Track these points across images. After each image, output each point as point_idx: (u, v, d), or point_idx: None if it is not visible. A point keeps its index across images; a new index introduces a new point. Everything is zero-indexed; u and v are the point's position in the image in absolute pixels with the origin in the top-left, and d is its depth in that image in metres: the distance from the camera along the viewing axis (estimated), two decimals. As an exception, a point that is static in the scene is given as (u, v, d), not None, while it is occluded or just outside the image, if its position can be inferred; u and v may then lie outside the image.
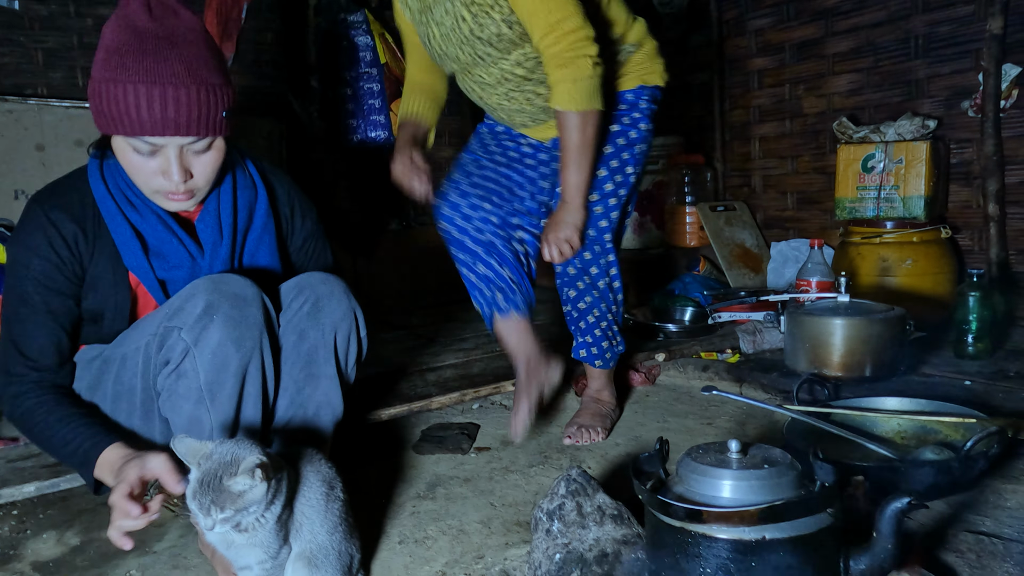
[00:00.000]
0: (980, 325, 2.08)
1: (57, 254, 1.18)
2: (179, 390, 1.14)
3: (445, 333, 2.74)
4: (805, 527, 0.84)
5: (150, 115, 1.07)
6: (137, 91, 1.07)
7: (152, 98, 1.07)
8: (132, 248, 1.21)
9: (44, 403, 1.17)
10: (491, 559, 1.25)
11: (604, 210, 1.71)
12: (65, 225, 1.19)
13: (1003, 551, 1.12)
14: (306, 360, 1.26)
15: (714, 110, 3.45)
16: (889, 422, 1.54)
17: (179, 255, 1.25)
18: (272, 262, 1.36)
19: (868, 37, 2.84)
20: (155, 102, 1.07)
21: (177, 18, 1.12)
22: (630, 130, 1.72)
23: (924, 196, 2.51)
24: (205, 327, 1.11)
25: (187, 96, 1.09)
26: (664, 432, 1.85)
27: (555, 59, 1.48)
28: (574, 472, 1.08)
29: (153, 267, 1.24)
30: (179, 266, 1.25)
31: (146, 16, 1.09)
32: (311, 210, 1.47)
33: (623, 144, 1.72)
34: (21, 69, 2.79)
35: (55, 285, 1.19)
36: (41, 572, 1.33)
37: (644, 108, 1.75)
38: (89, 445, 1.12)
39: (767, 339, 2.31)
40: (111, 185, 1.22)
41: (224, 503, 0.93)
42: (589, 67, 1.47)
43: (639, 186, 1.86)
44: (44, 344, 1.20)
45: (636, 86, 1.75)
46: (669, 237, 3.36)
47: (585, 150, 1.56)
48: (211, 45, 1.15)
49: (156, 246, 1.24)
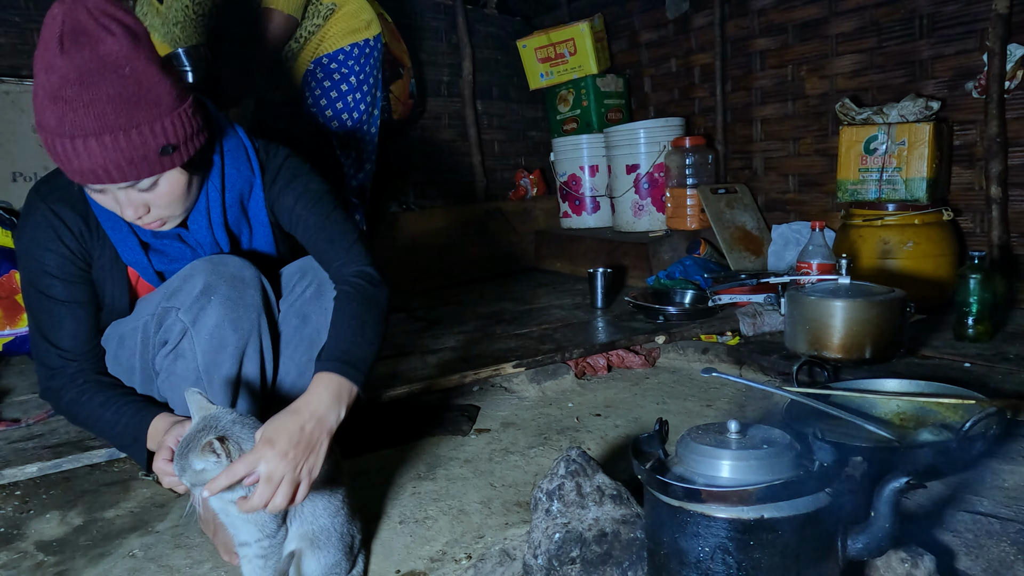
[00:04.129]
0: (980, 307, 2.08)
1: (67, 246, 1.17)
2: (177, 370, 1.15)
3: (445, 316, 2.74)
4: (803, 506, 0.85)
5: (78, 165, 1.00)
6: (59, 143, 0.99)
7: (74, 150, 0.98)
8: (129, 245, 1.21)
9: (86, 391, 1.17)
10: (491, 539, 1.26)
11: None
12: (70, 219, 1.18)
13: (1000, 531, 1.13)
14: (309, 344, 1.26)
15: (716, 92, 3.43)
16: (888, 403, 1.55)
17: (177, 249, 1.24)
18: (269, 245, 1.35)
19: (872, 17, 2.80)
20: (78, 154, 0.98)
21: (94, 51, 0.96)
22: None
23: (926, 178, 2.49)
24: (203, 308, 1.12)
25: (108, 144, 0.98)
26: (664, 414, 1.86)
27: None
28: (574, 453, 1.09)
29: (151, 261, 1.24)
30: (179, 259, 1.25)
31: (57, 53, 0.96)
32: (302, 176, 1.32)
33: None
34: (17, 49, 2.76)
35: (70, 275, 1.19)
36: (44, 551, 1.35)
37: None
38: (136, 422, 1.13)
39: (767, 321, 2.31)
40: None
41: (183, 474, 0.96)
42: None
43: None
44: (73, 333, 1.20)
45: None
46: (670, 220, 3.35)
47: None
48: (143, 75, 0.99)
49: (154, 243, 1.23)
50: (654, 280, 2.86)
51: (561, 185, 3.86)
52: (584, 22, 3.69)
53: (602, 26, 3.84)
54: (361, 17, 2.55)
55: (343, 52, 2.53)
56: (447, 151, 3.95)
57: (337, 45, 2.52)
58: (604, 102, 3.78)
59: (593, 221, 3.79)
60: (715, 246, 3.14)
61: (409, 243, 3.45)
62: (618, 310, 2.62)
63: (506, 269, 3.80)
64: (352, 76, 2.56)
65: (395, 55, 3.17)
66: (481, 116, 4.04)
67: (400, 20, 3.55)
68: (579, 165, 3.76)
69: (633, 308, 2.48)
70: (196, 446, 0.95)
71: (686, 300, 2.59)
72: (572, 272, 3.59)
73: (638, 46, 3.86)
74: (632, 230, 3.49)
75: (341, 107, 2.57)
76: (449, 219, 3.65)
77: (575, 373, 2.18)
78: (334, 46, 2.52)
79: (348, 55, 2.54)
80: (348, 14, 2.52)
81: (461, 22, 3.88)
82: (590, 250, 3.52)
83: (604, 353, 2.23)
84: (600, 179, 3.75)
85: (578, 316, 2.58)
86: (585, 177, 3.76)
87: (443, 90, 3.91)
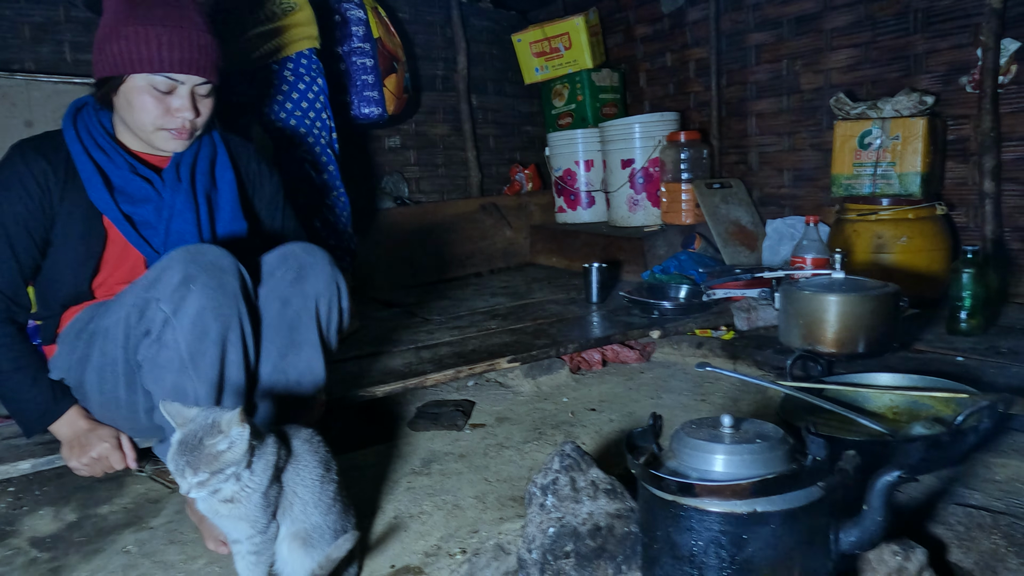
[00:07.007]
0: (973, 302, 2.09)
1: (25, 189, 1.25)
2: (160, 360, 1.15)
3: (439, 311, 2.74)
4: (796, 500, 0.85)
5: (178, 54, 1.23)
6: (161, 33, 1.22)
7: (176, 40, 1.23)
8: (95, 183, 1.28)
9: (4, 343, 1.25)
10: (486, 533, 1.26)
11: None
12: (35, 162, 1.26)
13: (991, 523, 1.13)
14: (289, 327, 1.28)
15: (711, 86, 3.42)
16: (881, 397, 1.55)
17: (143, 191, 1.32)
18: (238, 219, 1.42)
19: (867, 11, 2.80)
20: (180, 44, 1.23)
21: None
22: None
23: (920, 173, 2.50)
24: (183, 297, 1.12)
25: (206, 41, 1.26)
26: (658, 408, 1.86)
27: None
28: (568, 447, 1.09)
29: (117, 201, 1.30)
30: (144, 200, 1.32)
31: None
32: (275, 172, 1.56)
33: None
34: (8, 44, 2.73)
35: (21, 221, 1.25)
36: (38, 548, 1.34)
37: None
38: (51, 402, 1.27)
39: (761, 316, 2.32)
40: (80, 130, 1.31)
41: (199, 464, 0.94)
42: None
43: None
44: (6, 275, 1.26)
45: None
46: (665, 215, 3.35)
47: None
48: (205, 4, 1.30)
49: (120, 184, 1.31)
50: (649, 275, 2.87)
51: (556, 180, 3.86)
52: (579, 16, 3.68)
53: (597, 20, 3.83)
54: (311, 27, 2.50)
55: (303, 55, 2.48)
56: (442, 146, 3.93)
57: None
58: (599, 97, 3.77)
59: (588, 216, 3.79)
60: (710, 241, 3.15)
61: (403, 238, 3.45)
62: (613, 305, 2.62)
63: (501, 264, 3.80)
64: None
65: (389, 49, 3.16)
66: (476, 111, 4.03)
67: (394, 14, 3.54)
68: (574, 160, 3.76)
69: (628, 303, 2.48)
70: (211, 432, 0.94)
71: (681, 295, 2.59)
72: (567, 267, 3.59)
73: (633, 40, 3.85)
74: (627, 225, 3.49)
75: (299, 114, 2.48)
76: (444, 214, 3.65)
77: (570, 368, 2.18)
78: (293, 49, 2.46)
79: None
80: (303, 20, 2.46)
81: (455, 16, 3.86)
82: (585, 245, 3.52)
83: (599, 348, 2.23)
84: (595, 174, 3.74)
85: (573, 311, 2.58)
86: (580, 172, 3.76)
87: (438, 84, 3.90)
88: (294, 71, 2.45)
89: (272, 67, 2.43)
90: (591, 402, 1.95)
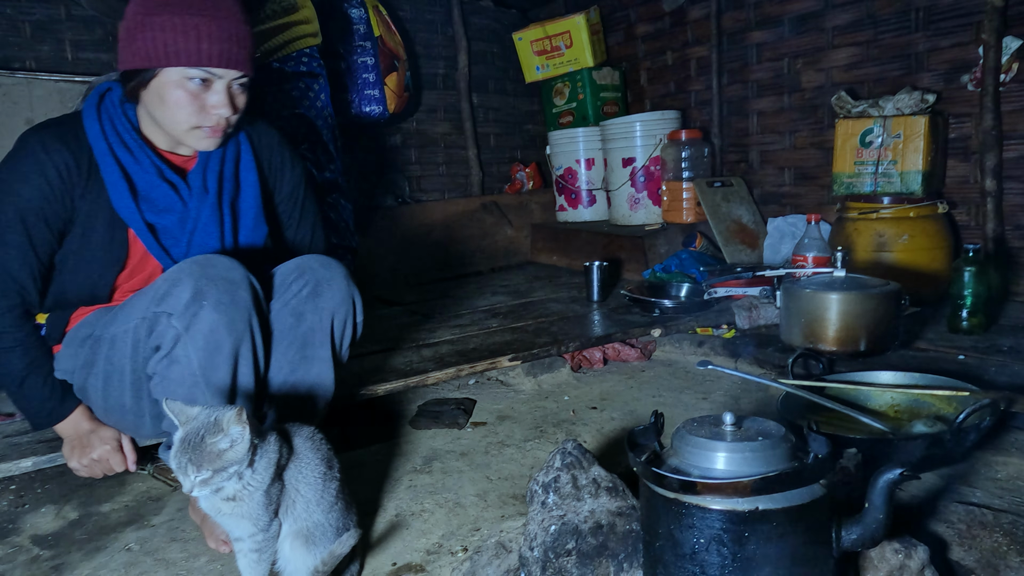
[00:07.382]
0: (975, 300, 2.09)
1: (48, 182, 1.17)
2: (172, 376, 1.14)
3: (440, 309, 2.74)
4: (798, 498, 0.85)
5: (216, 47, 1.13)
6: (200, 24, 1.11)
7: (215, 32, 1.12)
8: (120, 190, 1.21)
9: (21, 340, 1.22)
10: (487, 531, 1.26)
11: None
12: (58, 153, 1.18)
13: (992, 521, 1.13)
14: (302, 342, 1.26)
15: (712, 84, 3.42)
16: (883, 396, 1.55)
17: (168, 199, 1.25)
18: (260, 225, 1.36)
19: (868, 9, 2.80)
20: (218, 36, 1.13)
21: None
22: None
23: (922, 171, 2.50)
24: (195, 314, 1.10)
25: (244, 32, 1.16)
26: (659, 406, 1.86)
27: None
28: (569, 445, 1.09)
29: (141, 210, 1.23)
30: (168, 210, 1.25)
31: None
32: (299, 162, 1.47)
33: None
34: (9, 42, 2.73)
35: (40, 214, 1.19)
36: (40, 546, 1.34)
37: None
38: (58, 403, 1.26)
39: (763, 314, 2.32)
40: (105, 122, 1.22)
41: (202, 462, 0.94)
42: None
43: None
44: (23, 270, 1.21)
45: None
46: (666, 213, 3.34)
47: None
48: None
49: (145, 190, 1.23)
50: (650, 273, 2.87)
51: (557, 178, 3.85)
52: (580, 15, 3.67)
53: (598, 19, 3.83)
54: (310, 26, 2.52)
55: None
56: (443, 144, 3.93)
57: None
58: (600, 95, 3.77)
59: (589, 214, 3.78)
60: (711, 239, 3.14)
61: (404, 237, 3.45)
62: (614, 303, 2.62)
63: (502, 263, 3.80)
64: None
65: (390, 48, 3.16)
66: (477, 109, 4.02)
67: (395, 12, 3.54)
68: (575, 158, 3.76)
69: (629, 301, 2.48)
70: (213, 431, 0.94)
71: (682, 293, 2.59)
72: (568, 266, 3.59)
73: (634, 39, 3.84)
74: (628, 223, 3.49)
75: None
76: (445, 213, 3.65)
77: (571, 366, 2.19)
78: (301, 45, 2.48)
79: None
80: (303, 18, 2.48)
81: (456, 14, 3.86)
82: (586, 243, 3.52)
83: (600, 346, 2.23)
84: (596, 172, 3.74)
85: (574, 309, 2.58)
86: (581, 170, 3.76)
87: (439, 83, 3.90)
88: (295, 69, 2.46)
89: (273, 65, 2.43)
90: (592, 400, 1.95)
